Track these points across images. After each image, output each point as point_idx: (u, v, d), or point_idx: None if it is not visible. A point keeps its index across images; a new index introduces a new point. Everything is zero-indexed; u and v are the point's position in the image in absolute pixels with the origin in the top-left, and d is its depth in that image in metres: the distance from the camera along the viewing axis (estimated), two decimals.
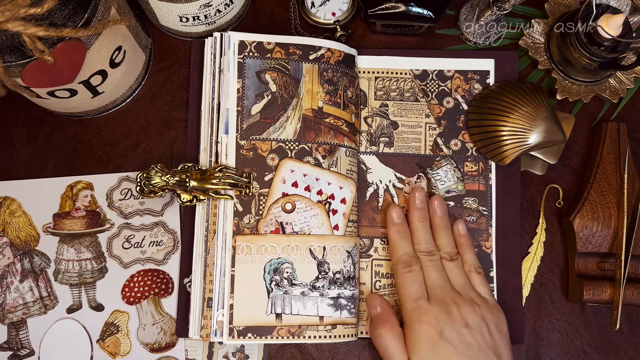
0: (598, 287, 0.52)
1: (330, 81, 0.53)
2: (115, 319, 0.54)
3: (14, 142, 0.57)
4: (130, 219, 0.56)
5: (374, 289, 0.54)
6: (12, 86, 0.46)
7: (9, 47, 0.42)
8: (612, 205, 0.54)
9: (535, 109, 0.54)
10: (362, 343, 0.55)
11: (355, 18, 0.60)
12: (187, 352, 0.54)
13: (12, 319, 0.54)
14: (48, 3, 0.40)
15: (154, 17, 0.56)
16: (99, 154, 0.57)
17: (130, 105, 0.58)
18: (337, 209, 0.52)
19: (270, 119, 0.52)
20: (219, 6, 0.54)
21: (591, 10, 0.52)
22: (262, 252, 0.50)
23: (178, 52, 0.59)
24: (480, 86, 0.57)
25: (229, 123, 0.52)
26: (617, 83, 0.57)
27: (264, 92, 0.53)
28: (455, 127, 0.56)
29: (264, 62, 0.53)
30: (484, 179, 0.56)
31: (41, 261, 0.55)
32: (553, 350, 0.55)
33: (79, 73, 0.48)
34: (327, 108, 0.53)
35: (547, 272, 0.56)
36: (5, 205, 0.56)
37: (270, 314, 0.50)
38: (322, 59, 0.54)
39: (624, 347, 0.55)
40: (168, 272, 0.55)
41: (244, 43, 0.53)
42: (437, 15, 0.55)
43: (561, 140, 0.54)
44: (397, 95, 0.57)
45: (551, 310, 0.55)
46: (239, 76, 0.53)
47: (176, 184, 0.51)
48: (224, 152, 0.52)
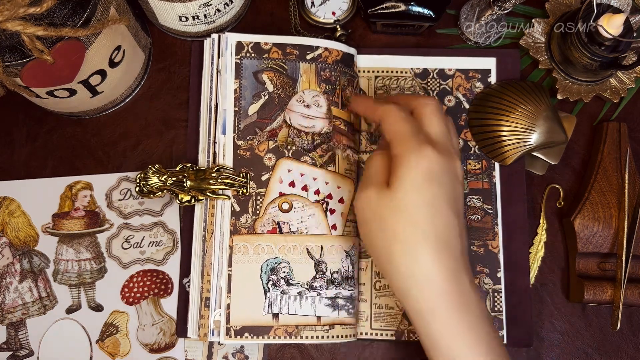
0: (599, 288, 0.52)
1: (328, 80, 0.53)
2: (114, 319, 0.54)
3: (13, 142, 0.57)
4: (130, 219, 0.56)
5: (374, 289, 0.54)
6: (11, 86, 0.46)
7: (8, 47, 0.42)
8: (613, 205, 0.54)
9: (536, 108, 0.54)
10: (362, 343, 0.54)
11: (356, 17, 0.60)
12: (187, 353, 0.54)
13: (11, 320, 0.54)
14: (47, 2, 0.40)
15: (153, 17, 0.56)
16: (99, 154, 0.57)
17: (130, 105, 0.58)
18: (335, 208, 0.52)
19: (267, 118, 0.52)
20: (219, 5, 0.54)
21: (592, 9, 0.52)
22: (259, 252, 0.50)
23: (177, 52, 0.59)
24: (482, 85, 0.57)
25: (227, 123, 0.52)
26: (618, 83, 0.57)
27: (261, 92, 0.53)
28: (457, 125, 0.56)
29: (261, 63, 0.53)
30: (487, 177, 0.55)
31: (40, 261, 0.55)
32: (554, 351, 0.55)
33: (78, 73, 0.48)
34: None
35: (547, 272, 0.56)
36: (5, 206, 0.56)
37: (267, 313, 0.50)
38: (319, 58, 0.54)
39: (624, 348, 0.55)
40: (167, 272, 0.55)
41: (241, 44, 0.53)
42: (437, 14, 0.55)
43: (563, 141, 0.54)
44: (397, 93, 0.57)
45: (552, 311, 0.55)
46: (236, 77, 0.53)
47: (174, 184, 0.51)
48: (221, 152, 0.52)
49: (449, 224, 0.42)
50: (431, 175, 0.42)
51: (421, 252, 0.41)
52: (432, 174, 0.42)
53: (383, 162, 0.45)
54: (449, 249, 0.42)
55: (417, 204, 0.41)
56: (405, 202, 0.41)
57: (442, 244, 0.41)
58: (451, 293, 0.41)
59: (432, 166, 0.42)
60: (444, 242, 0.42)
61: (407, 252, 0.41)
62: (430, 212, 0.42)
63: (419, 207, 0.41)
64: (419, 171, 0.42)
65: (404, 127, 0.44)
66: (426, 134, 0.44)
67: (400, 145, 0.43)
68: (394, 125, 0.44)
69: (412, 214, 0.41)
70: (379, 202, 0.43)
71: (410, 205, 0.41)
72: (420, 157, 0.42)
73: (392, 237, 0.42)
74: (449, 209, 0.42)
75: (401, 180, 0.42)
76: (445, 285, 0.41)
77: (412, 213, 0.41)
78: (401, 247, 0.42)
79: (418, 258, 0.41)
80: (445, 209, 0.42)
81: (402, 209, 0.42)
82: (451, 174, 0.43)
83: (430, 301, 0.41)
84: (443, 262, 0.41)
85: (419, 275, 0.41)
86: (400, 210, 0.42)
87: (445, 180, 0.43)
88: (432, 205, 0.42)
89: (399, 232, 0.42)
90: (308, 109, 0.53)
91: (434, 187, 0.42)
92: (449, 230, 0.42)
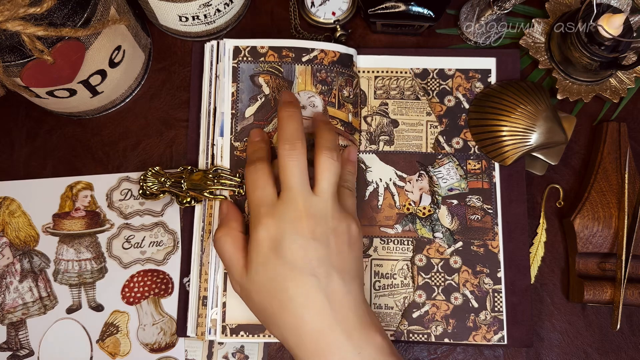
0: (599, 288, 0.52)
1: (324, 81, 0.54)
2: (115, 319, 0.54)
3: (14, 142, 0.57)
4: (130, 220, 0.56)
5: (374, 289, 0.54)
6: (12, 86, 0.46)
7: (8, 47, 0.42)
8: (613, 205, 0.54)
9: (536, 108, 0.54)
10: None
11: (355, 17, 0.60)
12: (187, 353, 0.54)
13: (11, 319, 0.54)
14: (47, 3, 0.40)
15: (153, 17, 0.56)
16: (99, 154, 0.57)
17: (130, 105, 0.58)
18: None
19: (264, 120, 0.53)
20: (219, 6, 0.54)
21: (592, 9, 0.52)
22: None
23: (177, 52, 0.59)
24: (482, 85, 0.57)
25: (224, 126, 0.53)
26: (618, 83, 0.57)
27: (257, 95, 0.53)
28: (456, 125, 0.56)
29: (257, 66, 0.53)
30: (487, 177, 0.55)
31: (41, 261, 0.55)
32: (553, 351, 0.55)
33: (78, 73, 0.48)
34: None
35: (547, 272, 0.56)
36: (5, 206, 0.56)
37: None
38: (315, 60, 0.54)
39: (624, 348, 0.55)
40: (168, 272, 0.55)
41: (238, 48, 0.54)
42: (437, 14, 0.55)
43: (563, 141, 0.54)
44: (397, 93, 0.57)
45: (552, 311, 0.55)
46: (234, 80, 0.53)
47: (172, 186, 0.51)
48: (219, 154, 0.52)
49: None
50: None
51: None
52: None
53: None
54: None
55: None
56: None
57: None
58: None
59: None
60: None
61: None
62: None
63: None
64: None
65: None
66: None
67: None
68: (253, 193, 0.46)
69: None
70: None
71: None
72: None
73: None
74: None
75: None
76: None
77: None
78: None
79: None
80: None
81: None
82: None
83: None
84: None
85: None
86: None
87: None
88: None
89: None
90: (303, 110, 0.53)
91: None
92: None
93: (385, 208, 0.55)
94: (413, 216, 0.55)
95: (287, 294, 0.42)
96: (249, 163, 0.47)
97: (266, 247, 0.43)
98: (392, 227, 0.54)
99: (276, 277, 0.42)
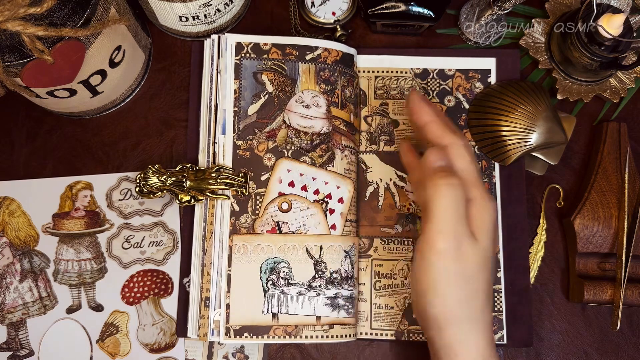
0: (599, 288, 0.52)
1: (327, 81, 0.53)
2: (114, 319, 0.54)
3: (14, 142, 0.57)
4: (130, 219, 0.56)
5: (374, 289, 0.54)
6: (12, 86, 0.46)
7: (8, 47, 0.42)
8: (613, 205, 0.54)
9: (536, 109, 0.54)
10: (362, 343, 0.54)
11: (356, 17, 0.60)
12: (187, 353, 0.54)
13: (11, 319, 0.54)
14: (47, 3, 0.40)
15: (153, 17, 0.56)
16: (99, 153, 0.57)
17: (130, 105, 0.58)
18: (335, 208, 0.52)
19: (267, 119, 0.52)
20: (219, 5, 0.54)
21: (592, 9, 0.52)
22: (258, 252, 0.50)
23: (178, 52, 0.59)
24: (482, 85, 0.57)
25: (226, 124, 0.52)
26: (618, 83, 0.57)
27: (260, 93, 0.53)
28: (457, 125, 0.56)
29: (261, 63, 0.53)
30: (487, 177, 0.55)
31: (40, 261, 0.55)
32: (554, 351, 0.55)
33: (79, 73, 0.48)
34: None
35: (547, 272, 0.56)
36: (5, 206, 0.56)
37: (267, 313, 0.50)
38: (318, 59, 0.54)
39: (624, 348, 0.55)
40: (168, 272, 0.55)
41: (240, 44, 0.53)
42: (437, 14, 0.55)
43: (563, 141, 0.54)
44: (397, 93, 0.57)
45: (552, 311, 0.55)
46: (236, 77, 0.53)
47: (173, 184, 0.51)
48: (221, 153, 0.52)
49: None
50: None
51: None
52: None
53: (464, 203, 0.41)
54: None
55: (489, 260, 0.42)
56: (489, 255, 0.41)
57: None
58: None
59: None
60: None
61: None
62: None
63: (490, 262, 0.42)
64: (494, 220, 0.42)
65: (476, 168, 0.43)
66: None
67: (479, 188, 0.42)
68: (469, 164, 0.42)
69: (490, 270, 0.42)
70: (465, 256, 0.40)
71: (490, 261, 0.42)
72: (493, 206, 0.42)
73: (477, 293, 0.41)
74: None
75: (487, 232, 0.41)
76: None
77: (491, 269, 0.42)
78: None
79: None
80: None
81: (487, 265, 0.41)
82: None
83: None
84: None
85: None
86: (486, 267, 0.41)
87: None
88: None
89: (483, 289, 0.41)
90: (307, 109, 0.53)
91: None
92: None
93: (386, 208, 0.55)
94: (413, 216, 0.55)
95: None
96: (448, 132, 0.44)
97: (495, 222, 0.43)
98: (392, 227, 0.54)
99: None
